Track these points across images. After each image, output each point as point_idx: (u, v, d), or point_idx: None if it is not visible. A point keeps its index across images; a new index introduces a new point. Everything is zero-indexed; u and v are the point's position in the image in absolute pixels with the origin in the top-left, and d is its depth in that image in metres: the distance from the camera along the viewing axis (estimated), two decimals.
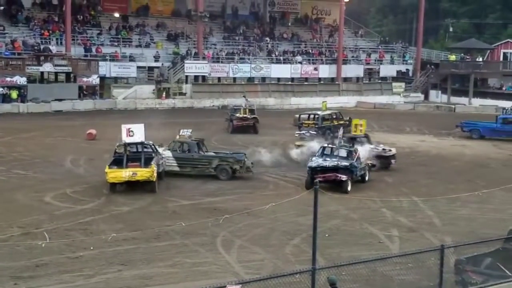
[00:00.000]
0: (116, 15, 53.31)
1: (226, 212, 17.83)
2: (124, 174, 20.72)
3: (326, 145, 23.60)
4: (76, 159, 26.16)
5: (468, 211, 19.91)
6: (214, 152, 24.74)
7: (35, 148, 28.72)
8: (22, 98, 41.43)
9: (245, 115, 35.62)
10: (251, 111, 36.22)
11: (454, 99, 57.16)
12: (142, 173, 20.76)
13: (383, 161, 25.79)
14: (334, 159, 22.22)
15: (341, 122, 35.13)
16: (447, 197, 20.54)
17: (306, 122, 34.09)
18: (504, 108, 38.41)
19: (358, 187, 22.57)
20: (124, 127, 21.90)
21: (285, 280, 9.78)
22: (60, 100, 42.65)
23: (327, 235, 16.46)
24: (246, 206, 19.22)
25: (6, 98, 40.98)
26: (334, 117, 35.09)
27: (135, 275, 13.75)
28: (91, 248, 15.25)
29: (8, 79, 40.98)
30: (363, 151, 24.20)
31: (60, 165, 25.29)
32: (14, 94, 41.15)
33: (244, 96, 39.55)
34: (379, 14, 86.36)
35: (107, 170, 20.65)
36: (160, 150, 23.41)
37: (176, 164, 23.81)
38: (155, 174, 20.91)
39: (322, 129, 33.14)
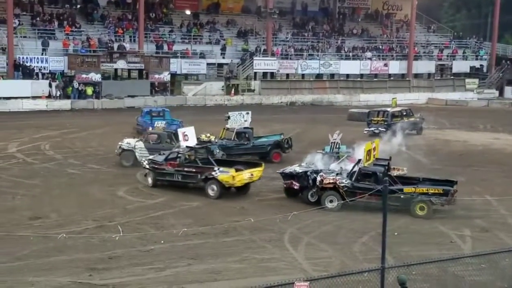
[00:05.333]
0: (188, 12, 54.09)
1: (294, 208, 17.86)
2: (245, 176, 20.26)
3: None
4: None
5: None
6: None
7: (109, 143, 29.39)
8: (97, 94, 42.62)
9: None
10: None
11: None
12: (256, 173, 20.57)
13: None
14: (311, 166, 20.08)
15: (411, 119, 34.63)
16: None
17: (375, 119, 33.71)
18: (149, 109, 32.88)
19: None
20: (180, 132, 22.31)
21: (353, 278, 9.72)
22: (132, 96, 43.67)
23: (396, 233, 16.23)
24: (314, 203, 19.19)
25: (81, 94, 42.26)
26: (404, 114, 34.54)
27: (204, 269, 13.94)
28: (162, 242, 15.57)
29: (84, 75, 42.22)
30: None
31: None
32: (89, 90, 42.37)
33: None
34: (452, 9, 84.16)
35: (234, 174, 19.89)
36: (132, 142, 24.68)
37: (148, 155, 24.20)
38: None
39: (392, 126, 32.71)
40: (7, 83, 40.57)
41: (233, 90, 47.74)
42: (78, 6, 50.12)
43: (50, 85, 41.56)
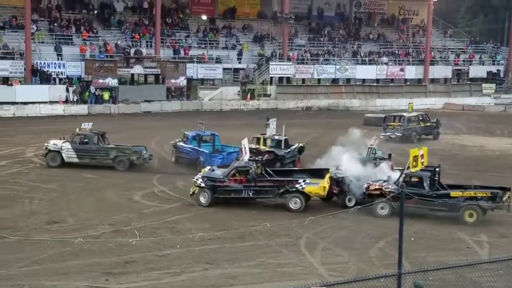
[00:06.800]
0: (204, 17, 54.25)
1: (310, 214, 17.84)
2: (327, 185, 19.49)
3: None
4: (163, 159, 26.80)
5: None
6: (114, 145, 25.43)
7: None
8: (114, 99, 42.86)
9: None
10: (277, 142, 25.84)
11: None
12: (328, 179, 19.75)
13: None
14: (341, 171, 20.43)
15: (428, 124, 34.47)
16: None
17: (391, 124, 33.59)
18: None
19: None
20: (243, 145, 20.75)
21: (370, 283, 9.68)
22: (149, 101, 43.86)
23: (412, 239, 16.16)
24: (331, 208, 19.16)
25: (98, 99, 42.51)
26: (421, 118, 34.42)
27: (220, 274, 13.96)
28: (178, 246, 15.63)
29: (101, 80, 42.47)
30: None
31: (148, 165, 25.90)
32: (106, 95, 42.61)
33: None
34: (469, 14, 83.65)
35: (325, 184, 19.19)
36: (59, 143, 25.08)
37: (75, 156, 24.84)
38: None
39: (408, 131, 32.61)
40: (25, 88, 40.90)
41: (249, 95, 47.76)
42: (95, 11, 50.47)
43: (67, 90, 41.81)
